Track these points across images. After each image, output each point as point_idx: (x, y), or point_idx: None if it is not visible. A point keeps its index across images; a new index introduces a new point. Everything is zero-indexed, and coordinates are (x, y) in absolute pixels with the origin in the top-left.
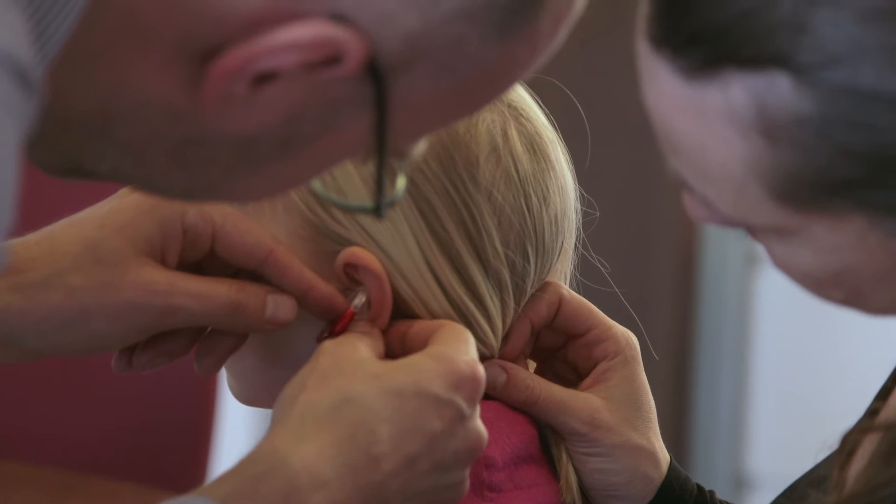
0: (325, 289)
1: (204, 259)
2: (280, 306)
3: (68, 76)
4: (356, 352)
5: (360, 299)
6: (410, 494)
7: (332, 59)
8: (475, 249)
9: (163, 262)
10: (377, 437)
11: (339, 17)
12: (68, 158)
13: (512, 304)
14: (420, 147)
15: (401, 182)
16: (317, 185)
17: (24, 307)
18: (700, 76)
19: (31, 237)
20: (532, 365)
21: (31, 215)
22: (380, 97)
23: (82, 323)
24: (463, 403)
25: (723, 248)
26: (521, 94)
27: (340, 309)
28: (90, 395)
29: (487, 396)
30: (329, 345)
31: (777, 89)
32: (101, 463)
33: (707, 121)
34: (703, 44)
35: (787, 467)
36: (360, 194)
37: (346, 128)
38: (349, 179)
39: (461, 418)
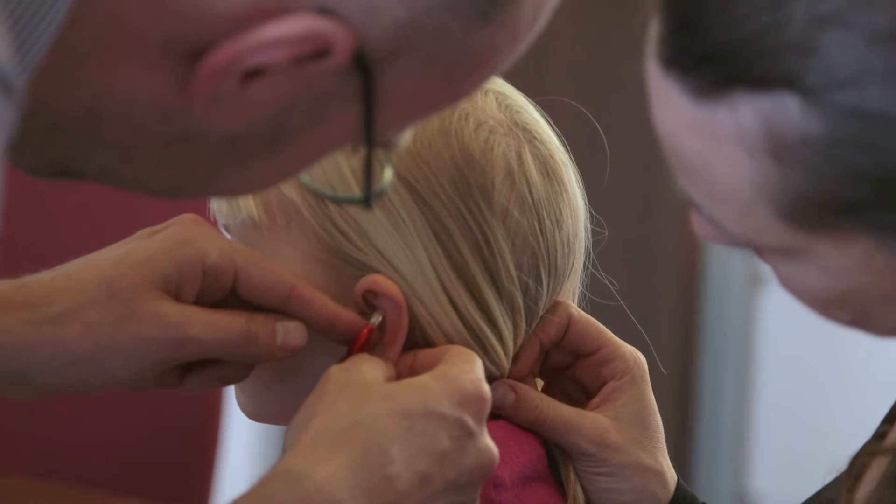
0: (350, 317)
1: (223, 300)
2: (290, 333)
3: (55, 79)
4: (362, 375)
5: (376, 319)
6: None
7: (320, 52)
8: (489, 272)
9: (177, 299)
10: (390, 458)
11: (325, 11)
12: (55, 161)
13: (524, 325)
14: (406, 137)
15: (388, 172)
16: (305, 178)
17: (39, 342)
18: (709, 97)
19: (46, 274)
20: (539, 383)
21: (32, 222)
22: (367, 89)
23: (97, 359)
24: (471, 421)
25: (726, 267)
26: (534, 117)
27: (363, 333)
28: (97, 410)
29: (496, 416)
30: (335, 370)
31: (786, 110)
32: (108, 477)
33: (716, 141)
34: (712, 65)
35: (790, 486)
36: (349, 186)
37: (333, 121)
38: (337, 172)
39: (470, 436)
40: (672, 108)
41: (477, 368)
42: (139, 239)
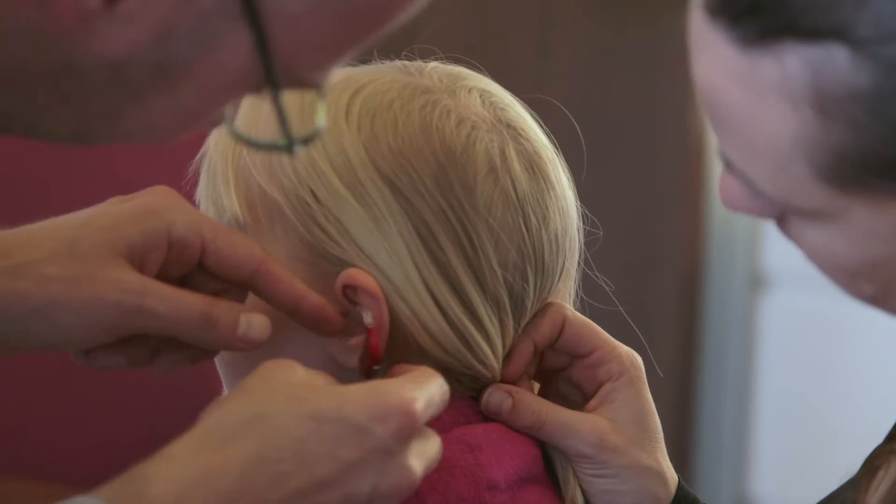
0: (316, 299)
1: (190, 275)
2: (253, 326)
3: None
4: (291, 373)
5: (368, 318)
6: None
7: None
8: (472, 270)
9: (140, 269)
10: (284, 456)
11: None
12: None
13: (511, 324)
14: (332, 79)
15: (321, 116)
16: (232, 126)
17: None
18: (756, 47)
19: (7, 231)
20: (536, 386)
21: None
22: (247, 5)
23: (51, 314)
24: (387, 437)
25: (728, 269)
26: (520, 114)
27: (332, 319)
28: (97, 413)
29: (490, 418)
30: (268, 363)
31: (834, 62)
32: (108, 480)
33: (759, 92)
34: (761, 14)
35: (791, 489)
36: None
37: (224, 47)
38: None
39: (385, 452)
40: (715, 57)
41: (422, 389)
42: (109, 205)
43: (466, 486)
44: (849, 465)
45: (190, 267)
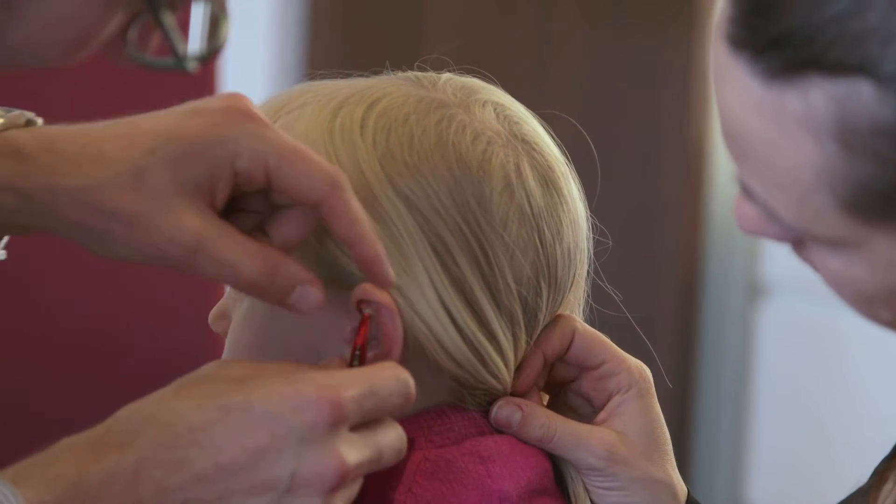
0: (373, 248)
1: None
2: (306, 298)
3: None
4: (226, 369)
5: (370, 310)
6: None
7: None
8: (488, 285)
9: (213, 201)
10: (186, 442)
11: None
12: None
13: (524, 337)
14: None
15: (224, 30)
16: (133, 51)
17: (53, 213)
18: (780, 80)
19: (79, 137)
20: (545, 398)
21: None
22: None
23: (107, 241)
24: (302, 425)
25: (725, 278)
26: (533, 128)
27: (380, 276)
28: (99, 408)
29: (501, 431)
30: (210, 364)
31: (859, 97)
32: None
33: (783, 125)
34: (786, 48)
35: (788, 497)
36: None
37: None
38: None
39: (301, 440)
40: (739, 90)
41: (361, 378)
42: (181, 117)
43: (478, 497)
44: (845, 472)
45: (260, 188)
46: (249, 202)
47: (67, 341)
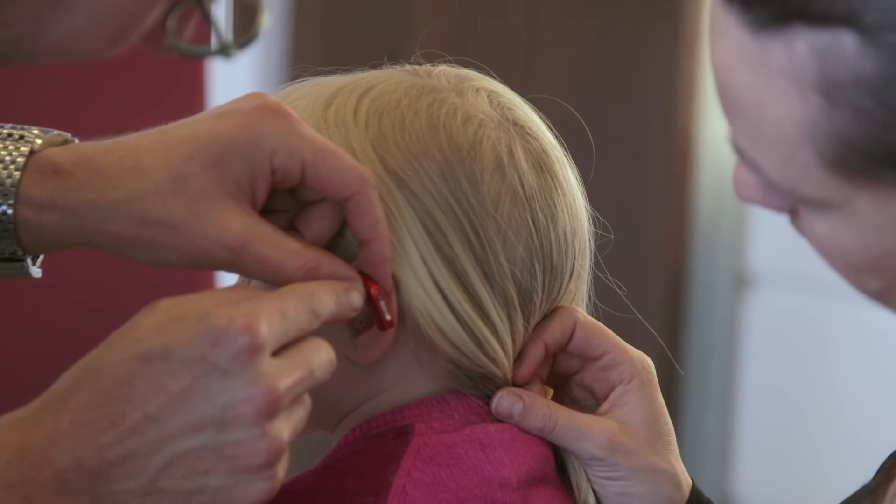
0: (385, 251)
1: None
2: (351, 303)
3: None
4: (142, 314)
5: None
6: (176, 454)
7: None
8: (480, 265)
9: (253, 200)
10: (110, 400)
11: None
12: None
13: (521, 321)
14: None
15: (261, 18)
16: (171, 38)
17: (98, 227)
18: (767, 31)
19: (115, 149)
20: (549, 391)
21: None
22: None
23: (153, 251)
24: (221, 359)
25: (712, 269)
26: (527, 114)
27: (384, 278)
28: None
29: (502, 421)
30: (148, 306)
31: (841, 48)
32: None
33: (768, 77)
34: None
35: (774, 489)
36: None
37: None
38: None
39: (225, 373)
40: (729, 41)
41: (268, 302)
42: (214, 120)
43: (478, 482)
44: (831, 464)
45: (295, 183)
46: (279, 201)
47: (67, 338)
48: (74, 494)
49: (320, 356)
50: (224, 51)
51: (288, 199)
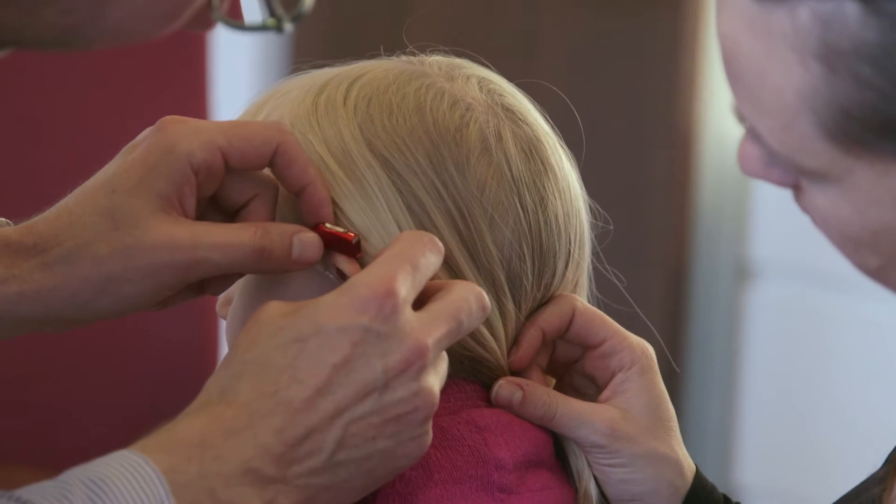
0: (322, 192)
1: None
2: (306, 246)
3: None
4: (267, 313)
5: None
6: (349, 423)
7: None
8: (466, 247)
9: (183, 212)
10: (281, 384)
11: None
12: None
13: (511, 305)
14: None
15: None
16: (218, 13)
17: (56, 284)
18: None
19: (50, 213)
20: (551, 381)
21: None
22: None
23: (114, 289)
24: (375, 323)
25: (713, 259)
26: (520, 101)
27: (328, 218)
28: (100, 402)
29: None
30: (249, 318)
31: (843, 16)
32: None
33: (771, 43)
34: None
35: (776, 479)
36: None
37: None
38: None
39: (378, 337)
40: (734, 7)
41: (397, 262)
42: (124, 156)
43: (474, 463)
44: (833, 454)
45: (219, 182)
46: (209, 217)
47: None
48: (265, 483)
49: (469, 305)
50: (277, 25)
51: (218, 217)
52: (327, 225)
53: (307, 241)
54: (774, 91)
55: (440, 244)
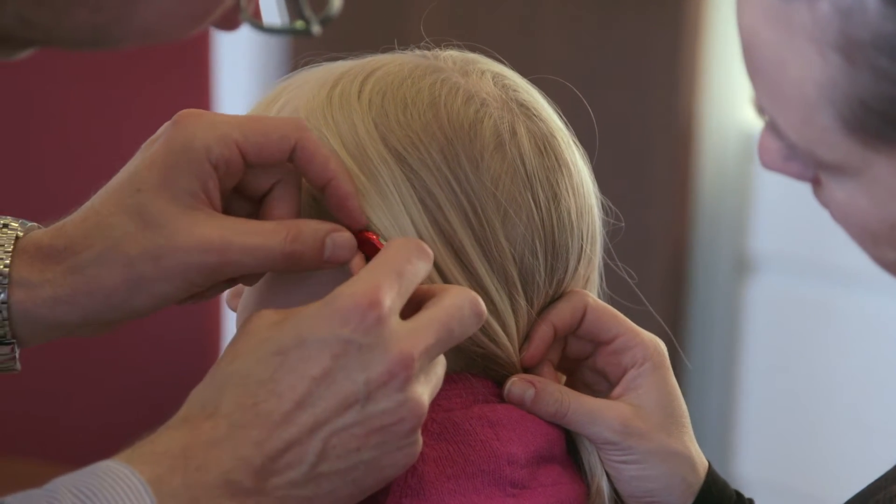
0: (347, 186)
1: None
2: (339, 247)
3: None
4: (257, 322)
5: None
6: (330, 435)
7: None
8: (479, 243)
9: (211, 204)
10: (260, 397)
11: None
12: None
13: (523, 301)
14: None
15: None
16: (246, 15)
17: (90, 287)
18: None
19: (77, 214)
20: (562, 378)
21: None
22: None
23: (146, 288)
24: (354, 335)
25: (714, 253)
26: (534, 97)
27: (355, 211)
28: (102, 393)
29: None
30: (243, 323)
31: (863, 7)
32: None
33: (791, 35)
34: None
35: (776, 472)
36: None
37: None
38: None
39: (359, 348)
40: (755, 0)
41: (381, 272)
42: (143, 152)
43: (486, 458)
44: (832, 447)
45: (240, 174)
46: (235, 207)
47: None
48: (244, 495)
49: (461, 312)
50: (306, 27)
51: (244, 203)
52: (369, 232)
53: (340, 242)
54: (794, 83)
55: (429, 250)
